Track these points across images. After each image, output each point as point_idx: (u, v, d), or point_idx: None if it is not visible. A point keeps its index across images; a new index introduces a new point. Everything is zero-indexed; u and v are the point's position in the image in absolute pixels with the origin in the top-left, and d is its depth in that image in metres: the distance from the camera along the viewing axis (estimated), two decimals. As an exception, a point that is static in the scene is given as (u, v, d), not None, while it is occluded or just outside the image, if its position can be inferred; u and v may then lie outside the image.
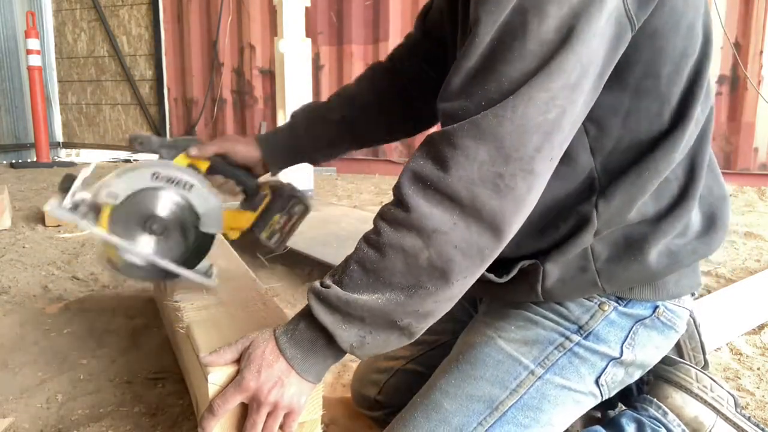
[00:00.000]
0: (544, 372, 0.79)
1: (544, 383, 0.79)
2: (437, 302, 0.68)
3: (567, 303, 0.81)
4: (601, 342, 0.80)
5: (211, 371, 0.76)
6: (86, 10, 6.11)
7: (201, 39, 5.50)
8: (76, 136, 6.48)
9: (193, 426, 1.07)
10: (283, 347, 0.72)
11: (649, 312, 0.81)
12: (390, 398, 1.04)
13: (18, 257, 2.24)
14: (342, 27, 4.92)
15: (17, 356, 1.37)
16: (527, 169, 0.63)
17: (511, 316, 0.84)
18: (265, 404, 0.72)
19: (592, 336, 0.80)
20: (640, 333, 0.81)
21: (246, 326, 0.92)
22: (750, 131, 4.13)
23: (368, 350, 0.71)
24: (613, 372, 0.81)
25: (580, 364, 0.80)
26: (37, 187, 4.03)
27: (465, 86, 0.65)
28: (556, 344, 0.80)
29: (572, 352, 0.79)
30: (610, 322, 0.80)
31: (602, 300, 0.80)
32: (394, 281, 0.66)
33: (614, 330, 0.80)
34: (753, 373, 1.31)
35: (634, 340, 0.81)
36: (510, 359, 0.80)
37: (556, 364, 0.79)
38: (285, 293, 1.86)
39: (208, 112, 5.57)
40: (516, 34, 0.61)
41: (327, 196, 3.72)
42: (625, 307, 0.80)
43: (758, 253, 2.38)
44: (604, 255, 0.77)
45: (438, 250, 0.64)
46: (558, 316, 0.81)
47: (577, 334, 0.80)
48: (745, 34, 4.08)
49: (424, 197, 0.64)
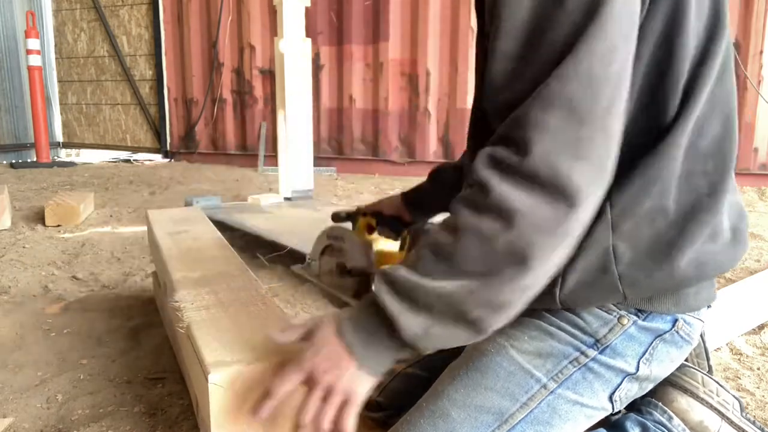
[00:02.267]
0: (557, 386, 0.76)
1: (556, 398, 0.76)
2: (513, 291, 0.63)
3: (585, 314, 0.77)
4: (618, 357, 0.77)
5: (212, 371, 0.76)
6: (86, 10, 6.11)
7: (201, 39, 5.50)
8: (76, 136, 6.49)
9: (193, 426, 1.07)
10: (344, 331, 0.68)
11: (669, 326, 0.78)
12: (391, 401, 1.04)
13: (18, 257, 2.24)
14: (342, 27, 4.92)
15: (17, 356, 1.37)
16: (603, 128, 0.59)
17: (525, 324, 0.80)
18: (320, 387, 0.68)
19: (609, 350, 0.76)
20: (659, 349, 0.78)
21: (246, 326, 0.92)
22: (750, 131, 4.13)
23: (432, 342, 0.66)
24: (628, 387, 0.79)
25: (594, 379, 0.77)
26: (37, 187, 4.03)
27: (513, 69, 0.63)
28: (570, 358, 0.77)
29: (587, 368, 0.77)
30: (629, 336, 0.77)
31: (621, 313, 0.76)
32: (469, 267, 0.62)
33: (632, 345, 0.77)
34: (753, 373, 1.31)
35: (652, 355, 0.78)
36: (522, 371, 0.77)
37: (570, 379, 0.76)
38: (285, 293, 1.86)
39: (208, 112, 5.57)
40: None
41: (327, 196, 3.72)
42: (644, 321, 0.77)
43: (758, 253, 2.38)
44: (627, 257, 0.72)
45: (518, 233, 0.60)
46: (575, 328, 0.78)
47: (593, 348, 0.77)
48: (745, 34, 4.08)
49: (502, 178, 0.61)
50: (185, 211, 1.81)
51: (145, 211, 1.90)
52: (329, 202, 3.33)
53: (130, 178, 4.62)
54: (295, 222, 2.55)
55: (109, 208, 3.29)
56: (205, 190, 3.97)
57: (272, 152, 5.08)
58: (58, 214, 2.79)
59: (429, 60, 4.65)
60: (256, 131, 5.36)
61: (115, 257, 2.30)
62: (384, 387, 1.04)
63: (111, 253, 2.35)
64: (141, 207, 3.35)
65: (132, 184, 4.30)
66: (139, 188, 4.08)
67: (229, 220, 2.47)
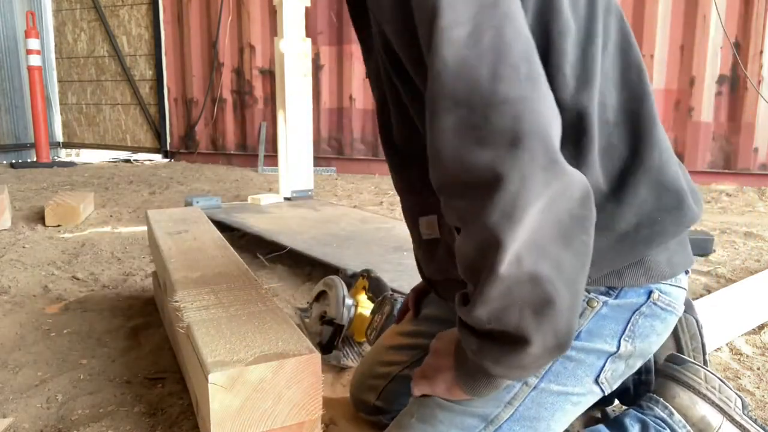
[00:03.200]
0: (539, 381, 0.76)
1: (540, 392, 0.76)
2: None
3: None
4: (595, 339, 0.76)
5: (212, 371, 0.76)
6: (86, 10, 6.11)
7: (201, 39, 5.50)
8: (76, 136, 6.49)
9: (193, 426, 1.07)
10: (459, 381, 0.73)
11: (644, 298, 0.77)
12: (389, 403, 1.04)
13: (18, 257, 2.24)
14: (342, 27, 4.92)
15: (17, 356, 1.37)
16: (499, 101, 0.56)
17: None
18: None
19: (584, 334, 0.76)
20: (640, 323, 0.77)
21: (246, 326, 0.92)
22: (750, 131, 4.13)
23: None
24: (613, 368, 0.78)
25: (575, 367, 0.76)
26: (37, 187, 4.03)
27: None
28: None
29: (565, 357, 0.75)
30: (602, 317, 0.76)
31: (590, 296, 0.75)
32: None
33: (608, 324, 0.76)
34: (753, 373, 1.31)
35: (633, 332, 0.77)
36: None
37: (550, 371, 0.76)
38: (285, 293, 1.86)
39: (208, 112, 5.57)
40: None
41: (327, 196, 3.72)
42: (616, 298, 0.76)
43: (758, 253, 2.38)
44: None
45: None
46: None
47: None
48: (745, 34, 4.08)
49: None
50: (185, 211, 1.81)
51: (145, 211, 1.91)
52: (329, 202, 3.33)
53: (130, 178, 4.62)
54: (295, 222, 2.55)
55: (109, 208, 3.29)
56: (205, 190, 3.97)
57: (272, 152, 5.09)
58: (58, 214, 2.79)
59: (429, 60, 4.65)
60: (256, 131, 5.36)
61: (115, 257, 2.30)
62: (382, 390, 1.04)
63: (111, 253, 2.35)
64: (141, 207, 3.35)
65: (132, 184, 4.30)
66: (139, 188, 4.08)
67: (229, 220, 2.47)
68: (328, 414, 1.11)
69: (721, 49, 4.12)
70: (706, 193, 3.95)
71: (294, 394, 0.83)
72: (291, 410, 0.84)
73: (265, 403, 0.81)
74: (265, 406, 0.81)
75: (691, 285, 1.94)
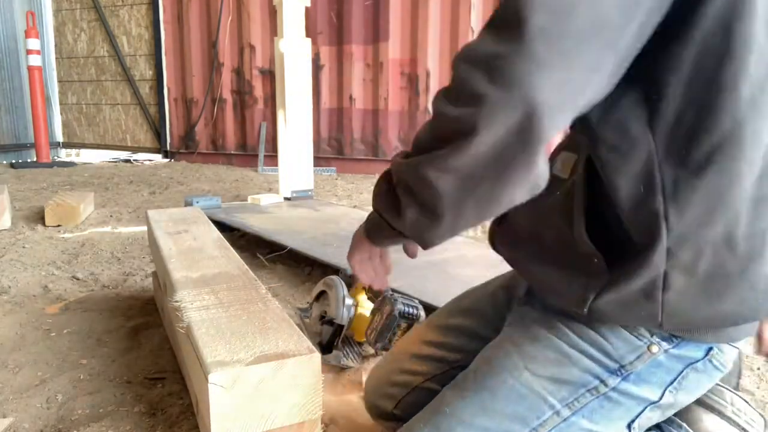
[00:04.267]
0: (571, 414, 0.72)
1: (569, 425, 0.72)
2: (468, 158, 0.59)
3: (611, 337, 0.71)
4: (642, 385, 0.71)
5: (212, 371, 0.76)
6: (86, 10, 6.11)
7: (201, 39, 5.50)
8: (76, 136, 6.49)
9: (193, 426, 1.07)
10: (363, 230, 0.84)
11: (702, 354, 0.71)
12: (408, 414, 0.98)
13: (18, 257, 2.24)
14: (342, 27, 4.92)
15: (17, 356, 1.37)
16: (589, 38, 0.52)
17: (544, 342, 0.75)
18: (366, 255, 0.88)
19: (634, 377, 0.71)
20: (690, 378, 0.72)
21: (246, 326, 0.92)
22: (750, 131, 4.12)
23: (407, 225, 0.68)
24: (649, 416, 0.74)
25: (613, 408, 0.72)
26: (37, 187, 4.03)
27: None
28: (589, 387, 0.72)
29: (606, 397, 0.71)
30: (657, 364, 0.71)
31: (652, 340, 0.70)
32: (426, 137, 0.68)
33: (660, 373, 0.71)
34: (753, 373, 1.31)
35: (680, 384, 0.72)
36: (535, 395, 0.73)
37: (586, 407, 0.72)
38: (285, 293, 1.86)
39: (208, 112, 5.57)
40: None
41: (327, 196, 3.72)
42: (675, 348, 0.70)
43: (758, 253, 2.38)
44: (678, 287, 0.64)
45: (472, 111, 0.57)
46: (599, 351, 0.72)
47: (615, 375, 0.71)
48: (745, 34, 4.08)
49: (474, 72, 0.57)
50: (185, 211, 1.81)
51: (145, 211, 1.91)
52: (329, 202, 3.33)
53: (130, 178, 4.62)
54: (295, 222, 2.55)
55: (109, 208, 3.29)
56: (205, 190, 3.97)
57: (272, 152, 5.08)
58: (58, 214, 2.79)
59: (429, 60, 4.65)
60: (256, 131, 5.36)
61: (115, 257, 2.30)
62: (400, 400, 1.01)
63: (111, 253, 2.35)
64: (141, 207, 3.35)
65: (132, 184, 4.30)
66: (139, 188, 4.08)
67: (229, 220, 2.47)
68: (328, 414, 1.11)
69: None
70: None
71: (294, 394, 0.83)
72: (291, 410, 0.84)
73: (265, 403, 0.81)
74: (265, 406, 0.81)
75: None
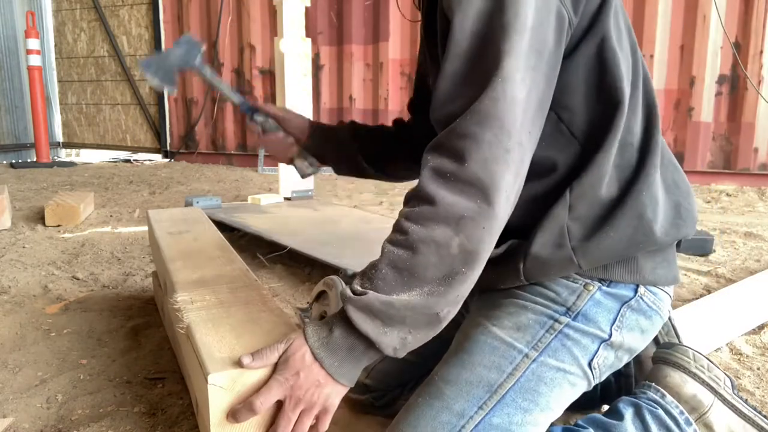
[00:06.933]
0: (538, 354, 0.82)
1: (539, 365, 0.82)
2: (472, 283, 0.73)
3: (553, 286, 0.85)
4: (590, 323, 0.83)
5: (212, 371, 0.76)
6: (86, 10, 6.12)
7: (201, 39, 5.49)
8: (76, 136, 6.49)
9: (193, 426, 1.07)
10: (320, 356, 0.75)
11: (632, 293, 0.85)
12: (378, 383, 1.08)
13: (18, 257, 2.24)
14: (342, 27, 4.92)
15: (17, 356, 1.37)
16: (520, 142, 0.71)
17: (503, 305, 0.88)
18: (301, 403, 0.76)
19: (581, 317, 0.84)
20: (628, 315, 0.85)
21: (246, 326, 0.92)
22: (750, 131, 4.13)
23: (408, 349, 0.75)
24: (605, 355, 0.84)
25: (572, 345, 0.83)
26: (37, 187, 4.03)
27: (456, 86, 0.73)
28: (546, 327, 0.84)
29: (563, 334, 0.83)
30: (597, 302, 0.84)
31: (586, 281, 0.85)
32: (430, 275, 0.71)
33: (602, 311, 0.84)
34: (753, 373, 1.31)
35: (622, 322, 0.84)
36: (504, 344, 0.83)
37: (549, 347, 0.82)
38: (285, 293, 1.86)
39: (208, 112, 5.57)
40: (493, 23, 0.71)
41: (327, 196, 3.72)
42: (608, 287, 0.85)
43: (758, 253, 2.38)
44: (578, 232, 0.82)
45: (468, 234, 0.70)
46: (546, 299, 0.85)
47: (565, 316, 0.84)
48: (745, 34, 4.08)
49: (448, 188, 0.70)
50: (185, 211, 1.81)
51: (145, 211, 1.91)
52: (329, 202, 3.33)
53: (130, 178, 4.62)
54: (295, 222, 2.55)
55: (109, 208, 3.29)
56: (205, 190, 3.97)
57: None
58: (58, 214, 2.79)
59: (429, 60, 4.65)
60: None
61: (115, 257, 2.30)
62: (371, 369, 1.08)
63: (111, 253, 2.35)
64: (141, 207, 3.35)
65: (132, 184, 4.30)
66: (139, 188, 4.08)
67: (229, 220, 2.47)
68: (328, 414, 1.11)
69: (721, 49, 4.12)
70: (706, 193, 3.95)
71: (294, 394, 0.83)
72: (291, 410, 0.83)
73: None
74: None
75: (691, 285, 1.94)
